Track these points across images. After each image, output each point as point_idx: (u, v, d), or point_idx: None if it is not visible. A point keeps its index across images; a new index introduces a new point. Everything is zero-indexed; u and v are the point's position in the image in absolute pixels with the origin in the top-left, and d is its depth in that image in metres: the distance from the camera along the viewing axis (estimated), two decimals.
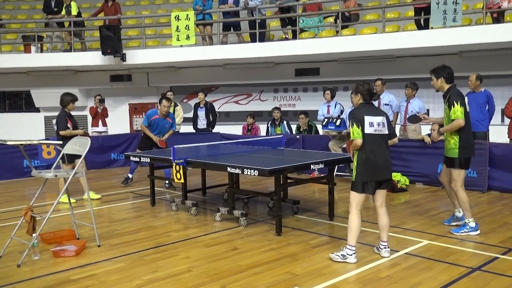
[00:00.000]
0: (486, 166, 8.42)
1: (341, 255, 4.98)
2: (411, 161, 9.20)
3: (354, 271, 4.75)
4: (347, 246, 4.98)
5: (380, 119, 5.02)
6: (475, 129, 8.96)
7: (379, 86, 9.77)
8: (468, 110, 5.88)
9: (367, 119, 4.95)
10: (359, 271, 4.77)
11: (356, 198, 5.02)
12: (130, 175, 9.68)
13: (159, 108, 9.22)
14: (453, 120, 5.71)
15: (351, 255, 4.94)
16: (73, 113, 15.18)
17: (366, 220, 6.64)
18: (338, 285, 4.44)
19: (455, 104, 5.65)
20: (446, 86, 5.87)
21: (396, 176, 8.72)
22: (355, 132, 4.94)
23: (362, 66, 12.73)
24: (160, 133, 9.30)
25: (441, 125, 6.20)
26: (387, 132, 5.07)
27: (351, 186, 5.09)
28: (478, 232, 5.88)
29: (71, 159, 7.60)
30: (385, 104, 9.71)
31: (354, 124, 4.94)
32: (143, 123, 9.32)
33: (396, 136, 5.37)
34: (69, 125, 8.14)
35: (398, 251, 5.33)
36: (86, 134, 9.04)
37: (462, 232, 5.86)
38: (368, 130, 4.94)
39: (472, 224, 5.88)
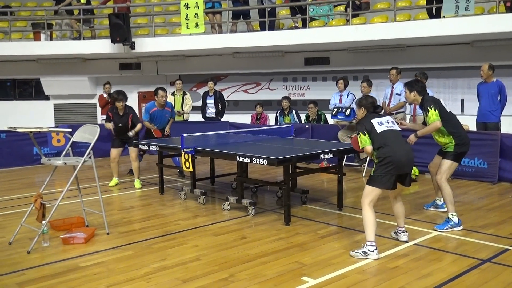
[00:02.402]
0: (497, 157, 8.35)
1: (362, 252, 4.84)
2: (421, 151, 9.08)
3: (363, 262, 4.74)
4: (367, 243, 4.85)
5: (387, 118, 5.20)
6: (486, 120, 8.94)
7: (394, 75, 9.69)
8: (448, 110, 5.98)
9: (375, 121, 5.08)
10: (368, 261, 4.75)
11: (372, 193, 4.94)
12: None
13: (156, 99, 8.99)
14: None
15: (372, 251, 4.80)
16: (82, 101, 15.23)
17: (375, 210, 6.59)
18: (347, 275, 4.43)
19: (429, 109, 5.81)
20: (419, 98, 6.02)
21: None
22: (362, 140, 5.07)
23: (373, 56, 12.62)
24: (160, 124, 9.17)
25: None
26: (399, 129, 5.17)
27: (368, 180, 5.01)
28: (461, 227, 5.76)
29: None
30: (397, 94, 9.64)
31: (360, 133, 5.07)
32: (144, 119, 9.11)
33: None
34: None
35: (407, 242, 5.30)
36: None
37: (446, 229, 5.72)
38: (380, 128, 5.02)
39: (456, 220, 5.77)
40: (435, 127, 5.82)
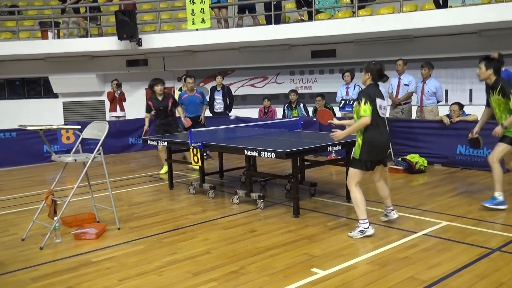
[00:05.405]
0: None
1: (359, 231, 5.10)
2: (429, 142, 9.11)
3: (372, 252, 4.75)
4: (360, 221, 5.11)
5: (385, 103, 5.18)
6: None
7: (400, 66, 9.71)
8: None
9: (378, 101, 5.04)
10: (377, 252, 4.76)
11: (357, 176, 5.17)
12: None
13: (184, 86, 10.29)
14: None
15: (367, 228, 5.08)
16: (90, 98, 15.49)
17: (383, 202, 6.63)
18: (356, 266, 4.45)
19: None
20: (493, 78, 6.00)
21: (414, 158, 8.67)
22: (367, 110, 4.94)
23: (379, 47, 12.57)
24: (192, 110, 10.00)
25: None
26: (386, 116, 5.44)
27: (353, 163, 5.23)
28: (506, 206, 6.01)
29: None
30: (405, 85, 9.65)
31: (368, 102, 4.96)
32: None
33: None
34: (150, 105, 9.13)
35: (417, 232, 5.31)
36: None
37: (493, 205, 6.00)
38: (379, 112, 5.06)
39: (501, 198, 6.02)
40: None
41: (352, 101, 9.65)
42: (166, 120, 9.09)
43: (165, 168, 9.02)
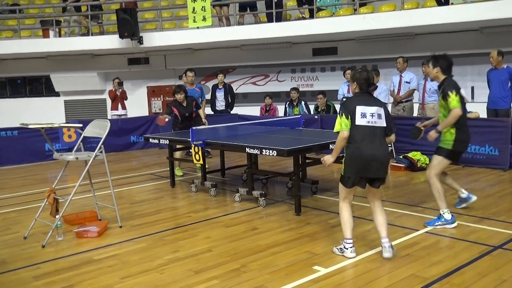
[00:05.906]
0: (508, 143, 8.29)
1: (339, 248, 4.68)
2: None
3: (374, 250, 4.75)
4: (344, 240, 4.64)
5: (374, 109, 4.46)
6: (497, 106, 8.89)
7: (400, 64, 9.72)
8: (467, 100, 5.45)
9: (359, 109, 4.44)
10: (379, 249, 4.74)
11: (344, 192, 4.68)
12: None
13: (185, 80, 10.30)
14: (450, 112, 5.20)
15: (347, 248, 4.58)
16: (92, 97, 15.52)
17: (386, 199, 6.63)
18: (358, 264, 4.45)
19: (450, 93, 5.17)
20: (442, 77, 5.38)
21: (416, 155, 8.66)
22: (342, 123, 4.45)
23: (381, 45, 12.56)
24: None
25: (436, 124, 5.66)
26: (384, 125, 4.49)
27: (340, 178, 4.73)
28: (454, 224, 5.34)
29: None
30: (406, 82, 9.67)
31: (343, 115, 4.46)
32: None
33: (394, 133, 4.60)
34: (175, 111, 8.87)
35: (418, 230, 5.31)
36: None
37: (437, 225, 5.35)
38: (359, 121, 4.43)
39: (448, 216, 5.36)
40: (456, 116, 5.16)
41: None
42: (189, 123, 8.95)
43: (179, 171, 8.89)
